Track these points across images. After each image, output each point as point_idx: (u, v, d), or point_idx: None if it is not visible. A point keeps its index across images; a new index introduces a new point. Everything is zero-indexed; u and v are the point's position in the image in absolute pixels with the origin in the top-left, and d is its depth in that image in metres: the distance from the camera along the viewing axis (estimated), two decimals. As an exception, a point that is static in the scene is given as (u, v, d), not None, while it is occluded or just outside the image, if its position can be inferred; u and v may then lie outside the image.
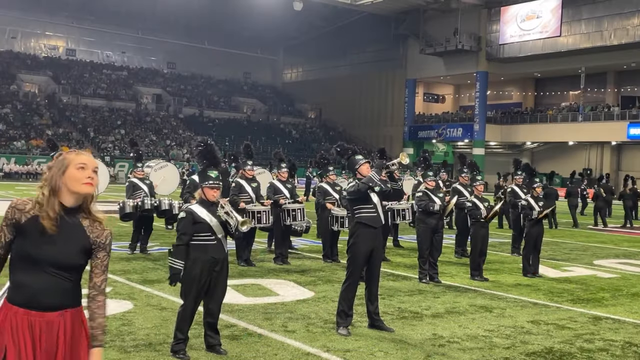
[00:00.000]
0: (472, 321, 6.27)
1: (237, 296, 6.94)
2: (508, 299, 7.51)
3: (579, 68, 43.01)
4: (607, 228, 18.30)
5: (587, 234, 16.67)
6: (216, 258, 4.78)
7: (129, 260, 9.22)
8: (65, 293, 2.36)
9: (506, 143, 48.92)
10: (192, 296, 4.77)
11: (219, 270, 4.81)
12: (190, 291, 4.77)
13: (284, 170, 9.63)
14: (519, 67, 45.61)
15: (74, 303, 2.41)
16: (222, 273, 4.84)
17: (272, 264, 9.35)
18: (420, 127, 50.71)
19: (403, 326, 5.95)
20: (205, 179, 4.85)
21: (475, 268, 8.74)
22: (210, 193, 4.84)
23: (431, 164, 9.21)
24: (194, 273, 4.75)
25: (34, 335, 2.31)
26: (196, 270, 4.74)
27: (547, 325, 6.26)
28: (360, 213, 5.73)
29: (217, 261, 4.78)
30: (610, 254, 12.42)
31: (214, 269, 4.78)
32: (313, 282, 8.04)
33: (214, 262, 4.76)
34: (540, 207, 9.18)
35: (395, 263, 9.99)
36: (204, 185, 4.85)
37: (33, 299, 2.31)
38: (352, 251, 5.72)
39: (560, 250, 12.59)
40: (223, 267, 4.85)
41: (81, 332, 2.45)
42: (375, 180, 5.65)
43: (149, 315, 5.94)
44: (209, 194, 4.84)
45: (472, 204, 8.82)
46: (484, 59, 45.37)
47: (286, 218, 9.38)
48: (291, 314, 6.23)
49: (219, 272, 4.81)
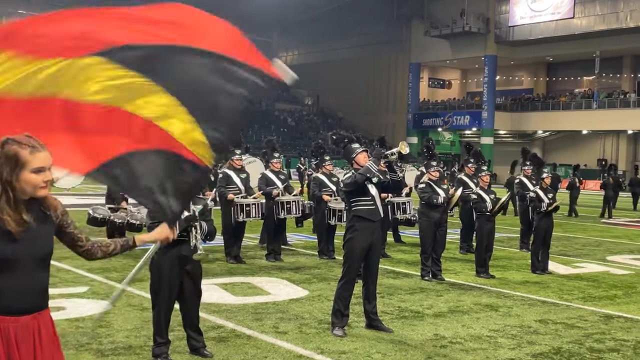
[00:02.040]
0: (476, 321, 6.29)
1: (225, 295, 6.93)
2: (515, 297, 7.53)
3: (594, 52, 42.96)
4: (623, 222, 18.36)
5: (601, 228, 16.72)
6: (187, 256, 4.70)
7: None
8: (43, 292, 2.41)
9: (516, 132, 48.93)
10: (163, 297, 4.72)
11: (191, 269, 4.76)
12: (159, 291, 4.72)
13: (277, 160, 9.62)
14: (529, 50, 45.55)
15: (45, 303, 2.46)
16: (194, 273, 4.80)
17: (264, 261, 9.35)
18: (424, 114, 50.66)
19: (403, 326, 5.96)
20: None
21: (480, 264, 8.76)
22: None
23: (435, 153, 9.17)
24: (163, 269, 4.69)
25: (10, 343, 2.32)
26: (165, 267, 4.69)
27: (556, 324, 6.29)
28: (357, 206, 5.73)
29: (189, 259, 4.72)
30: (624, 249, 12.47)
31: (184, 267, 4.74)
32: (307, 280, 8.05)
33: (184, 260, 4.71)
34: (550, 199, 9.19)
35: (396, 260, 10.01)
36: None
37: (10, 303, 2.32)
38: (349, 246, 5.72)
39: (571, 246, 12.64)
40: (195, 266, 4.80)
41: (54, 334, 2.48)
42: (373, 171, 5.64)
43: (129, 316, 5.91)
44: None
45: (477, 196, 8.82)
46: (492, 42, 45.31)
47: (280, 211, 9.37)
48: (283, 314, 6.23)
49: (190, 271, 4.76)
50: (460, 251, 11.08)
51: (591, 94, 44.67)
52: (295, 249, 10.73)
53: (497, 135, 47.54)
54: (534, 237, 9.43)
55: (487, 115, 45.45)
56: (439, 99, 52.89)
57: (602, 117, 42.51)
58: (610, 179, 20.61)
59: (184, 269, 4.74)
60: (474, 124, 47.26)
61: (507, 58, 46.56)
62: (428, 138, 13.15)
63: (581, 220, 18.53)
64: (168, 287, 4.72)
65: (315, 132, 50.05)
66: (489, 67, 45.61)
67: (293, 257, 9.88)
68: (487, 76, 45.65)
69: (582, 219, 18.97)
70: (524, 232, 11.60)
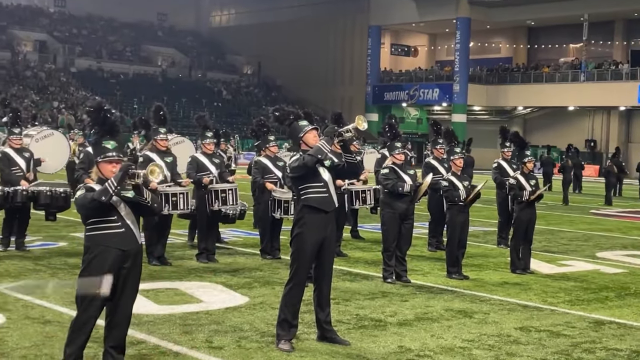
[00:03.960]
0: (447, 329, 6.37)
1: (147, 304, 6.86)
2: (492, 301, 7.67)
3: (581, 15, 44.12)
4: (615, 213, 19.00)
5: (590, 220, 17.26)
6: (125, 250, 4.75)
7: (1, 259, 8.97)
8: None
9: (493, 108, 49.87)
10: (91, 302, 4.70)
11: (130, 267, 4.79)
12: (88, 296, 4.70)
13: (209, 141, 9.52)
14: (508, 13, 46.42)
15: None
16: (133, 271, 4.82)
17: (194, 262, 9.30)
18: (386, 87, 51.09)
19: (362, 337, 6.00)
20: (100, 152, 4.86)
21: (452, 264, 8.88)
22: (107, 169, 4.82)
23: (399, 133, 9.22)
24: (95, 272, 4.69)
25: None
26: (97, 269, 4.70)
27: (539, 332, 6.42)
28: (307, 194, 5.73)
29: (127, 255, 4.76)
30: (616, 244, 12.89)
31: (122, 266, 4.75)
32: (247, 284, 8.03)
33: (122, 256, 4.74)
34: (533, 186, 9.37)
35: (353, 259, 10.05)
36: (100, 160, 4.85)
37: None
38: (297, 243, 5.71)
39: (556, 241, 12.98)
40: (135, 263, 4.83)
41: None
42: (325, 151, 5.63)
43: (28, 331, 5.82)
44: (107, 170, 4.82)
45: (449, 183, 8.91)
46: (465, 3, 45.96)
47: (213, 202, 9.30)
48: (218, 325, 6.20)
49: (129, 269, 4.78)
50: (429, 248, 11.21)
51: (578, 64, 45.93)
52: (232, 248, 10.67)
53: (470, 111, 48.38)
54: (513, 231, 9.59)
55: (459, 88, 46.20)
56: (403, 69, 53.36)
57: (590, 91, 43.70)
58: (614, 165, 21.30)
59: (122, 267, 4.75)
60: (444, 98, 47.96)
61: (482, 21, 47.33)
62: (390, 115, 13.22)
63: (568, 211, 19.08)
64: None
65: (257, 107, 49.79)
66: (462, 31, 46.30)
67: (230, 257, 9.83)
68: (459, 42, 46.36)
69: (569, 210, 19.52)
70: (502, 225, 11.81)
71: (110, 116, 4.98)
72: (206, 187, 9.26)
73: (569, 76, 45.71)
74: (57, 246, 10.15)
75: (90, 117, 5.02)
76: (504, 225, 11.71)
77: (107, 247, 4.73)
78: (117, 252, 4.74)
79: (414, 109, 52.35)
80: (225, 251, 10.25)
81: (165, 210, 8.91)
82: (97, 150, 4.89)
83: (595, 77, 44.31)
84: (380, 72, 51.95)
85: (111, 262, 4.72)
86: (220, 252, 9.87)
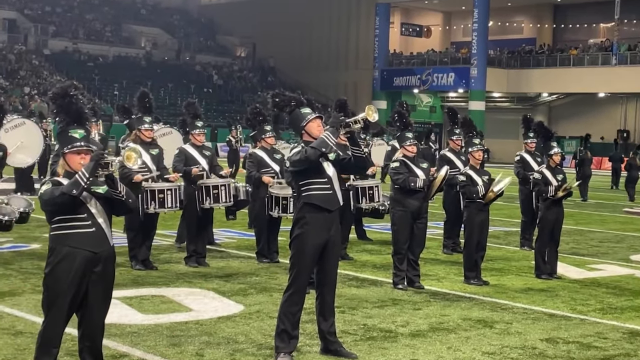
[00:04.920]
0: (465, 341, 6.36)
1: (130, 313, 6.86)
2: (515, 309, 7.66)
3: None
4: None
5: (623, 219, 17.26)
6: (96, 253, 4.75)
7: (-31, 263, 8.98)
8: None
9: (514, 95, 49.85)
10: (58, 310, 4.71)
11: (100, 271, 4.79)
12: (54, 302, 4.71)
13: (199, 132, 9.51)
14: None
15: None
16: (104, 276, 4.82)
17: (183, 266, 9.31)
18: (396, 71, 51.05)
19: (370, 350, 5.98)
20: (66, 142, 4.86)
21: (470, 268, 8.88)
22: (76, 160, 4.82)
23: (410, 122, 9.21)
24: (61, 275, 4.69)
25: None
26: (63, 272, 4.69)
27: (568, 344, 6.41)
28: (308, 191, 5.72)
29: (97, 258, 4.76)
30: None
31: (92, 270, 4.76)
32: (242, 291, 8.03)
33: (92, 259, 4.74)
34: (559, 181, 9.36)
35: (360, 262, 10.04)
36: (67, 151, 4.86)
37: None
38: (298, 245, 5.71)
39: (586, 242, 12.99)
40: (106, 266, 4.83)
41: None
42: (330, 144, 5.61)
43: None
44: (75, 162, 4.82)
45: (466, 177, 8.91)
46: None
47: (204, 199, 9.30)
48: (210, 336, 6.20)
49: (99, 274, 4.79)
50: (444, 250, 11.22)
51: (609, 45, 45.83)
52: (225, 250, 10.68)
53: (490, 98, 48.29)
54: (538, 232, 9.60)
55: (477, 72, 46.11)
56: (415, 51, 53.35)
57: (623, 76, 43.60)
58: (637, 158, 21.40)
59: (91, 271, 4.74)
60: (460, 84, 47.91)
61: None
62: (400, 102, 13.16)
63: (598, 210, 19.06)
64: (66, 298, 4.70)
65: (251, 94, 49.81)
66: (480, 9, 46.18)
67: (222, 260, 9.83)
68: (476, 22, 46.25)
69: (600, 208, 19.50)
70: (525, 225, 11.80)
71: (76, 102, 4.96)
72: (195, 179, 9.25)
73: (599, 59, 45.61)
74: (29, 248, 10.15)
75: (55, 103, 4.99)
76: (527, 225, 11.70)
77: (75, 249, 4.71)
78: (86, 255, 4.72)
79: (427, 96, 52.32)
80: (218, 254, 10.24)
81: (151, 208, 8.91)
82: (63, 141, 4.88)
83: (628, 60, 44.25)
84: (389, 55, 51.90)
85: (79, 266, 4.70)
86: (211, 255, 9.86)
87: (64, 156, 4.87)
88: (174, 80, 48.85)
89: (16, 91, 43.15)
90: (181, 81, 49.48)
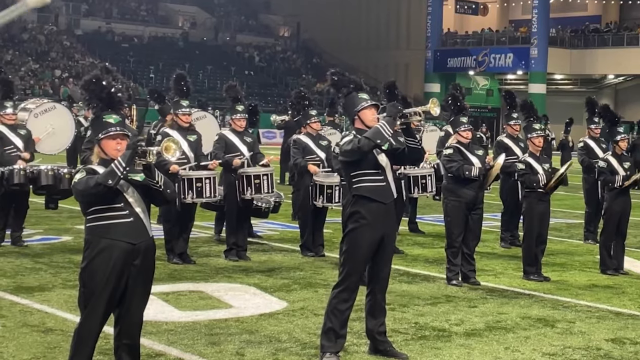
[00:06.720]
0: (524, 341, 6.32)
1: (167, 310, 6.91)
2: (578, 307, 7.59)
3: (688, -38, 43.03)
4: None
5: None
6: (134, 244, 4.77)
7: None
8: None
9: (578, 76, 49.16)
10: (96, 307, 4.74)
11: (140, 264, 4.81)
12: (91, 299, 4.74)
13: (241, 116, 9.51)
14: (597, -40, 45.57)
15: None
16: (144, 269, 4.85)
17: (222, 260, 9.35)
18: (450, 51, 50.72)
19: (422, 350, 5.98)
20: (101, 128, 4.90)
21: (530, 263, 8.81)
22: (111, 146, 4.86)
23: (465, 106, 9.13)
24: (98, 270, 4.73)
25: None
26: (101, 266, 4.72)
27: (635, 345, 6.34)
28: (360, 182, 5.72)
29: (136, 250, 4.78)
30: None
31: (131, 263, 4.78)
32: (286, 286, 8.05)
33: (130, 251, 4.76)
34: (627, 169, 9.22)
35: (411, 256, 10.02)
36: (102, 137, 4.89)
37: None
38: (351, 241, 5.70)
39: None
40: (146, 259, 4.85)
41: None
42: (385, 135, 5.56)
43: (26, 340, 5.85)
44: (110, 148, 4.85)
45: (525, 165, 8.81)
46: (545, -52, 45.25)
47: (245, 189, 9.32)
48: (251, 335, 6.22)
49: (139, 267, 4.81)
50: (502, 244, 11.15)
51: (683, 22, 44.92)
52: (267, 243, 10.72)
53: (551, 81, 47.72)
54: (603, 224, 9.48)
55: (538, 53, 45.63)
56: (470, 30, 52.93)
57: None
58: None
59: (131, 264, 4.77)
60: (519, 65, 47.44)
61: (565, -28, 46.58)
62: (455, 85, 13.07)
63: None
64: (105, 295, 4.73)
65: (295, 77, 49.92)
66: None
67: (264, 254, 9.87)
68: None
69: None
70: (590, 217, 11.69)
71: (107, 86, 5.00)
72: (236, 170, 9.27)
73: (670, 37, 44.80)
74: (60, 241, 10.28)
75: (86, 90, 5.04)
76: (592, 217, 11.59)
77: (113, 241, 4.74)
78: (124, 246, 4.75)
79: (483, 78, 51.91)
80: (259, 247, 10.30)
81: (189, 198, 8.94)
82: (97, 127, 4.92)
83: (703, 38, 43.33)
84: (443, 34, 51.58)
85: (117, 259, 4.73)
86: (252, 248, 9.91)
87: (98, 143, 4.90)
88: (213, 62, 49.16)
89: (47, 74, 43.60)
90: (221, 63, 49.78)
